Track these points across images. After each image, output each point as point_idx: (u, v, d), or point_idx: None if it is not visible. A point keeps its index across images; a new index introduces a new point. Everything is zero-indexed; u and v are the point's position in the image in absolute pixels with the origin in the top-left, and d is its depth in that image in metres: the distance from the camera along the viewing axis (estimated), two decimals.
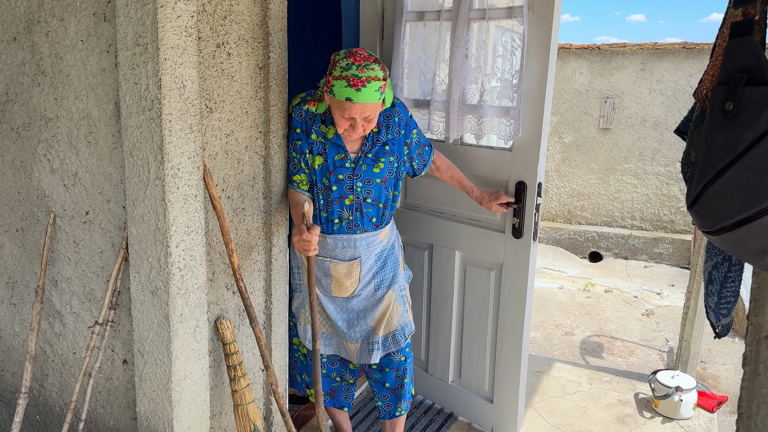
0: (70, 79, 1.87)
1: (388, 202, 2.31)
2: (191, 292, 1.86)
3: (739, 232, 1.08)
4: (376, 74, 2.01)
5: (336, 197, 2.22)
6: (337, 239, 2.28)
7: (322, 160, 2.20)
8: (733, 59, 1.13)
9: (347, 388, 2.59)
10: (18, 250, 2.14)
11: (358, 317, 2.39)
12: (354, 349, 2.42)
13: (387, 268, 2.40)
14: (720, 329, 1.47)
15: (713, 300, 1.43)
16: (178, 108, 1.71)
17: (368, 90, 2.00)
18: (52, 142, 1.96)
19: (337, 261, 2.31)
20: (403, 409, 2.56)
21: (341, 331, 2.40)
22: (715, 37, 1.43)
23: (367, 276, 2.35)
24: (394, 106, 2.26)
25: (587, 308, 5.34)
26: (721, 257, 1.40)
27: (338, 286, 2.34)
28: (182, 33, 1.70)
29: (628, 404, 3.31)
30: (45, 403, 2.22)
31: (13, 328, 2.23)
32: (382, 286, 2.38)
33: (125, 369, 2.00)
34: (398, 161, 2.28)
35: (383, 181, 2.25)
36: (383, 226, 2.34)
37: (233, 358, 2.04)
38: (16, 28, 1.95)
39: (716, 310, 1.44)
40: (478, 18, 2.55)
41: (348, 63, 2.00)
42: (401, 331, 2.42)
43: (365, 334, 2.40)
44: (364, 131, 2.11)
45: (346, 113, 2.04)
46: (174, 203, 1.75)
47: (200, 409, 1.98)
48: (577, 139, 7.34)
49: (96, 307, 1.99)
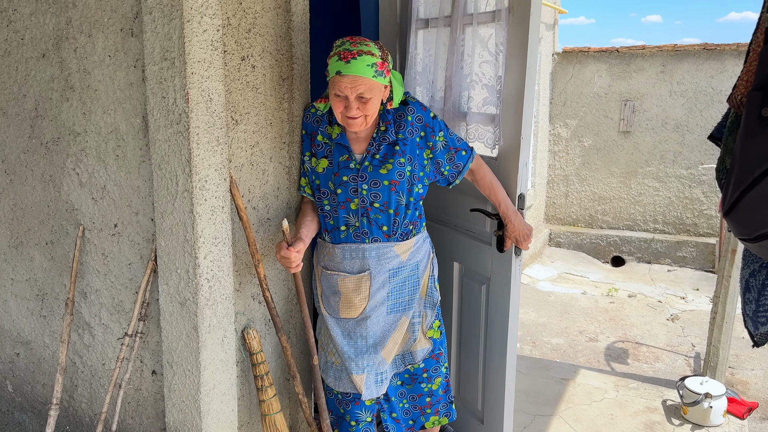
0: (98, 94, 1.90)
1: (401, 209, 2.13)
2: (219, 303, 1.87)
3: None
4: (370, 50, 1.94)
5: (341, 201, 2.10)
6: (345, 249, 2.15)
7: (327, 162, 2.11)
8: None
9: (365, 430, 2.32)
10: (48, 262, 2.17)
11: (366, 347, 2.20)
12: (360, 381, 2.20)
13: (404, 291, 2.22)
14: (758, 338, 1.45)
15: (751, 308, 1.41)
16: (205, 121, 1.73)
17: (359, 62, 1.91)
18: (80, 156, 1.99)
19: (346, 274, 2.16)
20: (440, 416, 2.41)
21: (345, 360, 2.20)
22: (749, 42, 1.41)
23: (378, 294, 2.17)
24: (407, 104, 2.12)
25: (611, 314, 5.28)
26: (758, 264, 1.38)
27: (347, 304, 2.17)
28: (208, 47, 1.72)
29: (656, 411, 3.26)
30: (75, 414, 2.24)
31: (44, 340, 2.26)
32: (395, 310, 2.21)
33: (154, 380, 2.01)
34: (412, 164, 2.12)
35: (392, 183, 2.09)
36: (400, 239, 2.17)
37: (260, 368, 2.05)
38: (45, 44, 1.99)
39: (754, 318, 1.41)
40: (469, 23, 2.49)
41: (342, 41, 1.98)
42: (410, 355, 2.29)
43: (373, 364, 2.21)
44: (365, 119, 1.99)
45: (337, 90, 1.95)
46: (202, 215, 1.77)
47: (228, 419, 1.99)
48: (597, 143, 7.29)
49: (125, 319, 2.01)
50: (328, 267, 2.20)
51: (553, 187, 7.58)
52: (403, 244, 2.18)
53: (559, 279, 6.30)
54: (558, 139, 7.47)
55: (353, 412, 2.28)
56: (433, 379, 2.34)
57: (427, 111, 2.16)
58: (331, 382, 2.26)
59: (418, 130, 2.12)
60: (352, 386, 2.22)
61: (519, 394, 3.42)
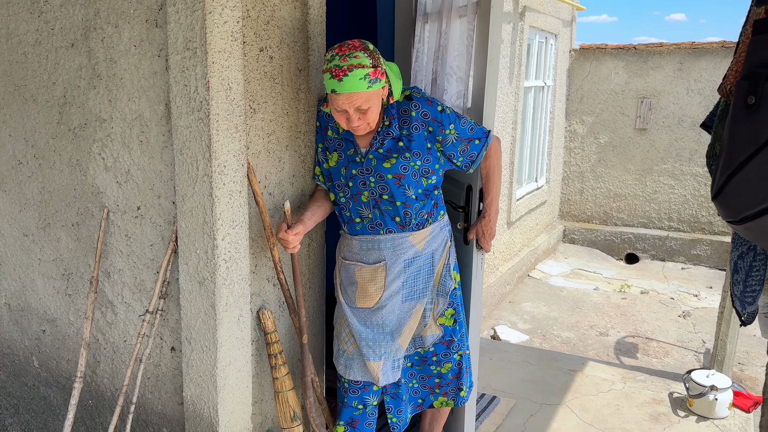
0: (124, 82, 1.99)
1: (411, 201, 2.15)
2: (236, 283, 1.96)
3: (762, 221, 1.13)
4: (360, 62, 1.92)
5: (353, 194, 2.16)
6: (361, 240, 2.21)
7: (337, 156, 2.17)
8: (756, 55, 1.18)
9: (371, 413, 2.37)
10: (73, 243, 2.27)
11: (384, 334, 2.25)
12: (377, 368, 2.25)
13: (419, 279, 2.25)
14: (746, 317, 1.51)
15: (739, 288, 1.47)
16: (225, 109, 1.82)
17: (351, 79, 1.91)
18: (106, 142, 2.08)
19: (362, 264, 2.22)
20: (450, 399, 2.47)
21: (362, 348, 2.25)
22: (739, 34, 1.47)
23: (394, 284, 2.21)
24: (411, 99, 2.11)
25: (622, 309, 5.32)
26: (746, 247, 1.44)
27: (363, 293, 2.23)
28: (228, 38, 1.80)
29: (662, 403, 3.31)
30: (97, 388, 2.35)
31: (68, 318, 2.36)
32: (410, 298, 2.25)
33: (173, 356, 2.11)
34: (421, 159, 2.13)
35: (396, 177, 2.11)
36: (414, 229, 2.20)
37: (274, 347, 2.14)
38: (74, 34, 2.08)
39: (741, 299, 1.48)
40: (451, 17, 2.51)
41: (332, 54, 1.95)
42: (420, 339, 2.35)
43: (391, 351, 2.27)
44: (368, 125, 2.02)
45: (335, 105, 1.98)
46: (221, 198, 1.85)
47: (243, 395, 2.08)
48: (613, 140, 7.30)
49: (146, 297, 2.11)
50: (346, 257, 2.26)
51: (568, 183, 7.61)
52: (419, 234, 2.21)
53: (572, 275, 6.34)
54: (574, 135, 7.49)
55: (362, 397, 2.33)
56: (443, 363, 2.41)
57: (434, 105, 2.12)
58: (341, 369, 2.31)
59: (425, 125, 2.11)
60: (363, 374, 2.28)
61: (527, 383, 3.48)
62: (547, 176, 7.00)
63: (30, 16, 2.17)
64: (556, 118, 7.05)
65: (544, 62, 6.52)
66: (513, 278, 5.72)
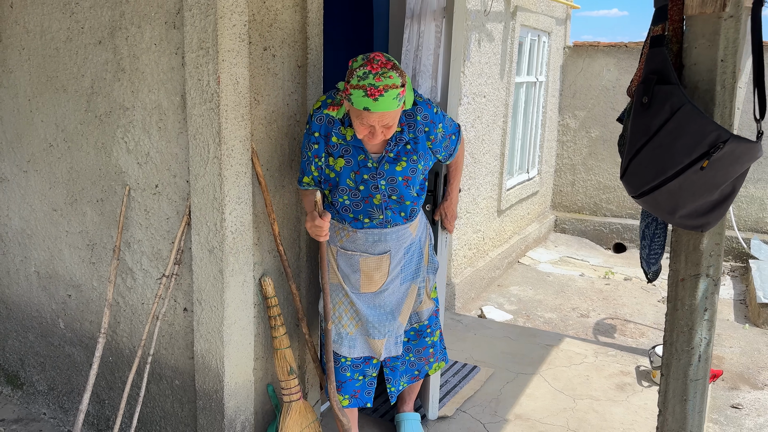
0: (145, 76, 2.29)
1: (414, 198, 2.31)
2: (241, 252, 2.26)
3: (653, 195, 1.42)
4: (393, 82, 1.98)
5: (365, 196, 2.26)
6: (368, 234, 2.34)
7: (344, 161, 2.24)
8: (650, 64, 1.47)
9: (370, 383, 2.58)
10: (98, 217, 2.57)
11: (386, 314, 2.45)
12: (380, 345, 2.46)
13: (413, 262, 2.45)
14: (651, 275, 1.81)
15: (645, 252, 1.78)
16: (233, 100, 2.12)
17: (386, 99, 1.98)
18: (128, 128, 2.38)
19: (367, 255, 2.37)
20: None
21: (368, 328, 2.44)
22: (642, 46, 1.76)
23: (395, 270, 2.41)
24: (416, 104, 2.23)
25: (605, 294, 5.61)
26: (650, 218, 1.74)
27: (367, 280, 2.40)
28: (237, 38, 2.10)
29: (629, 375, 3.61)
30: (116, 346, 2.66)
31: (92, 283, 2.67)
32: (406, 279, 2.45)
33: (185, 316, 2.41)
34: (423, 159, 2.28)
35: (405, 179, 2.25)
36: (413, 219, 2.39)
37: (273, 310, 2.44)
38: (101, 33, 2.38)
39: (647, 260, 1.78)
40: (429, 19, 2.73)
41: (365, 72, 1.99)
42: (416, 315, 2.58)
43: (393, 329, 2.48)
44: (385, 137, 2.11)
45: (364, 121, 2.04)
46: (228, 178, 2.15)
47: (246, 350, 2.38)
48: (603, 134, 7.56)
49: (162, 265, 2.41)
50: (347, 248, 2.39)
51: (560, 175, 7.88)
52: (414, 223, 2.42)
53: (560, 262, 6.63)
54: (566, 129, 7.76)
55: (363, 370, 2.54)
56: (434, 332, 2.67)
57: (432, 107, 2.27)
58: (345, 351, 2.48)
59: (425, 126, 2.26)
60: (366, 351, 2.51)
61: (505, 355, 3.79)
62: (539, 168, 7.28)
63: (62, 15, 2.47)
64: (549, 112, 7.32)
65: (537, 59, 6.78)
66: (503, 263, 6.01)
